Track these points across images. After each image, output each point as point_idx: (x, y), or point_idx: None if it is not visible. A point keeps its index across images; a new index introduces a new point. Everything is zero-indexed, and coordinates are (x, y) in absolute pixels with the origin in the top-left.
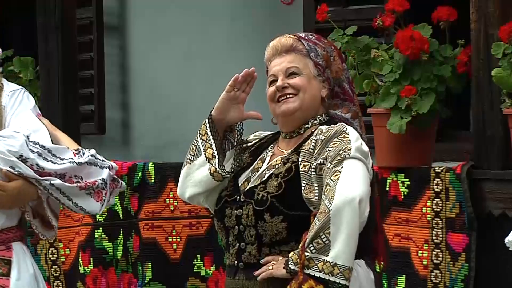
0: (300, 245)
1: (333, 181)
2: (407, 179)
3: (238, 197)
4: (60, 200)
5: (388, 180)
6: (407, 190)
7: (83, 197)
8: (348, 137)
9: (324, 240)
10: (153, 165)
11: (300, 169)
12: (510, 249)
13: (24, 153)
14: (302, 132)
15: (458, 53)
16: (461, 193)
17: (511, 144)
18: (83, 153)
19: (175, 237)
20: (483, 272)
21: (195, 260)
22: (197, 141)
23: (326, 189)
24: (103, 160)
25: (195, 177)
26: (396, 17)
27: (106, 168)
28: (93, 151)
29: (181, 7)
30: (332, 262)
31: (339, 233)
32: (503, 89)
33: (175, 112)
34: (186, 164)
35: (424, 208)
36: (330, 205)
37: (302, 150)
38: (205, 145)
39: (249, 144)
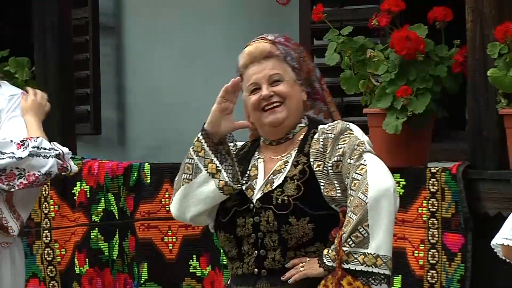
0: (336, 241)
1: (361, 175)
2: (403, 179)
3: (251, 205)
4: None
5: None
6: (403, 190)
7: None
8: (353, 133)
9: (363, 233)
10: (148, 165)
11: (315, 169)
12: (494, 250)
13: None
14: (291, 137)
15: (454, 53)
16: (457, 193)
17: (507, 144)
18: (28, 145)
19: (171, 237)
20: (479, 272)
21: (191, 261)
22: (192, 159)
23: (353, 184)
24: (50, 149)
25: (198, 196)
26: (391, 17)
27: (52, 157)
28: (38, 141)
29: (177, 7)
30: (374, 253)
31: (378, 224)
32: (499, 89)
33: (171, 112)
34: (182, 185)
35: (420, 208)
36: (365, 197)
37: (311, 151)
38: (204, 161)
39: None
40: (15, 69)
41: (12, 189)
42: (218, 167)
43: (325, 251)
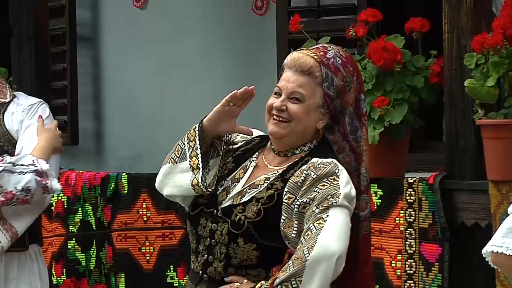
0: (269, 281)
1: (316, 229)
2: (380, 190)
3: (215, 210)
4: None
5: None
6: (380, 200)
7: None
8: (338, 181)
9: (294, 286)
10: (126, 175)
11: (284, 200)
12: (486, 259)
13: None
14: (289, 155)
15: (431, 64)
16: (434, 204)
17: (483, 155)
18: (4, 161)
19: (148, 247)
20: (456, 282)
21: (168, 271)
22: (184, 144)
23: (306, 234)
24: (28, 165)
25: (176, 180)
26: (369, 28)
27: (29, 173)
28: (17, 157)
29: (153, 18)
30: None
31: (310, 284)
32: (476, 100)
33: (148, 122)
34: (169, 162)
35: (397, 219)
36: (308, 254)
37: (289, 181)
38: (191, 152)
39: (234, 146)
40: None
41: None
42: (199, 164)
43: (258, 285)
